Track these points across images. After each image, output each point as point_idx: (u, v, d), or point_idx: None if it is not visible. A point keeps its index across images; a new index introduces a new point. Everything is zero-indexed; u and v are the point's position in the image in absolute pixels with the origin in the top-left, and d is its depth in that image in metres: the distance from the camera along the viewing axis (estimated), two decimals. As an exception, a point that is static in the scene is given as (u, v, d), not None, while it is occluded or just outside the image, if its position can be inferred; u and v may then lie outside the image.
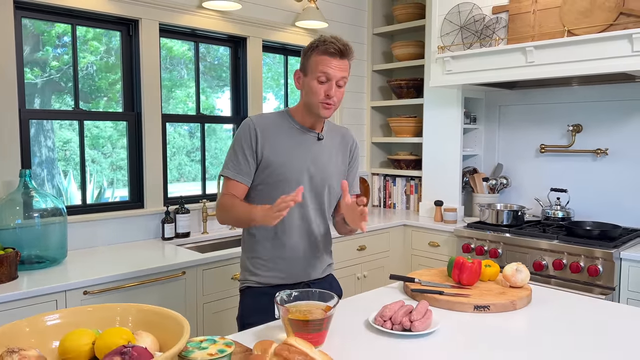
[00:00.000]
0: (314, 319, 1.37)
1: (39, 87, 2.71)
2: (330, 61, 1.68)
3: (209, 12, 3.10)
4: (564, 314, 1.65)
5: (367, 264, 3.34)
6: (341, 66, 1.69)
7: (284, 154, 1.75)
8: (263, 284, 1.80)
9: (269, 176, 1.75)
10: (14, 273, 2.11)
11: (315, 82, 1.69)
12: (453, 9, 3.13)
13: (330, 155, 1.84)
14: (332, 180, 1.84)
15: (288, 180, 1.75)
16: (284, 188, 1.74)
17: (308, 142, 1.80)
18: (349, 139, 1.94)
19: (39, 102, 2.72)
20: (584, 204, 3.25)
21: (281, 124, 1.79)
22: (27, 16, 2.54)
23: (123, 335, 0.99)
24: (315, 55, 1.70)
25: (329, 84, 1.69)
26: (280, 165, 1.74)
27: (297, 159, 1.76)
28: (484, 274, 1.89)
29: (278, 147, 1.75)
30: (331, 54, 1.67)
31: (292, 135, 1.78)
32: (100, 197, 3.01)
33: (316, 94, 1.70)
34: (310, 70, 1.71)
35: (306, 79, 1.73)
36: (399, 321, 1.47)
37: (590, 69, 2.60)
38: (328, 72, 1.67)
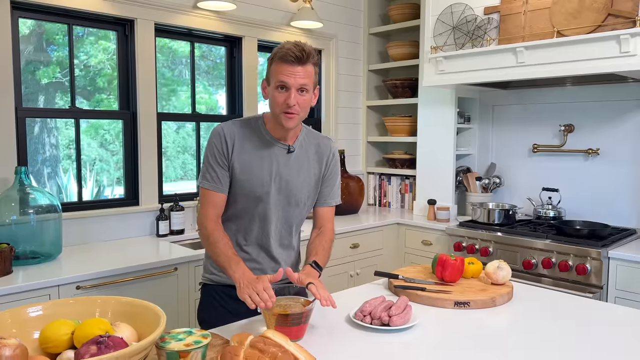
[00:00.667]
0: (293, 313, 1.41)
1: (43, 86, 2.76)
2: (287, 69, 1.60)
3: (205, 12, 3.13)
4: (544, 311, 1.68)
5: (360, 262, 3.38)
6: (300, 73, 1.60)
7: (248, 167, 1.70)
8: (217, 282, 1.79)
9: (235, 186, 1.72)
10: (9, 268, 2.15)
11: (275, 91, 1.63)
12: (446, 9, 3.15)
13: (300, 168, 1.77)
14: (300, 194, 1.78)
15: (249, 194, 1.71)
16: (249, 200, 1.72)
17: (276, 154, 1.73)
18: (326, 150, 1.84)
19: (43, 100, 2.77)
20: (575, 204, 3.27)
21: (251, 133, 1.73)
22: (24, 16, 2.59)
23: (101, 325, 1.03)
24: (274, 64, 1.64)
25: (287, 92, 1.61)
26: (243, 178, 1.70)
27: (261, 172, 1.71)
28: (467, 271, 1.92)
29: (244, 159, 1.70)
30: (289, 61, 1.60)
31: (259, 148, 1.72)
32: (100, 194, 3.05)
33: (276, 103, 1.64)
34: (271, 79, 1.65)
35: (269, 89, 1.67)
36: (378, 316, 1.51)
37: (579, 69, 2.62)
38: (285, 81, 1.60)
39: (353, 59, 4.09)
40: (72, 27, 2.76)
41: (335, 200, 1.89)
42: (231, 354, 1.11)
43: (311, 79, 1.64)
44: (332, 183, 1.86)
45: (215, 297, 1.80)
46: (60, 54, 2.78)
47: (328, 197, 1.87)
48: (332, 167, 1.85)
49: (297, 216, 1.81)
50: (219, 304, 1.78)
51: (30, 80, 2.72)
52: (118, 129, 2.98)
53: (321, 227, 1.86)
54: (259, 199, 1.72)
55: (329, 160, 1.84)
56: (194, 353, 1.09)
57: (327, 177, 1.85)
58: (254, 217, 1.75)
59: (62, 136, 2.88)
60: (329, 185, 1.86)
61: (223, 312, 1.73)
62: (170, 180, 3.33)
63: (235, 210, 1.76)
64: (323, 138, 1.87)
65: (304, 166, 1.78)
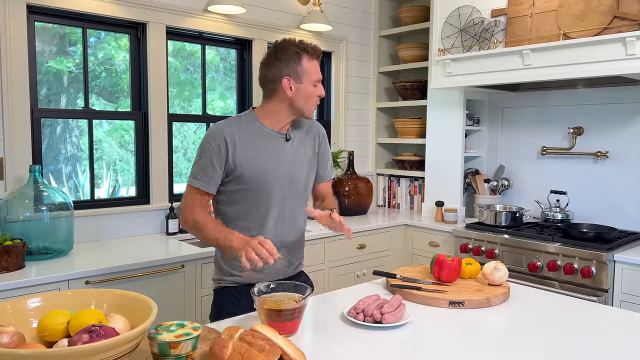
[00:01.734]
0: (286, 309, 1.45)
1: (65, 87, 2.86)
2: (316, 66, 1.82)
3: (215, 16, 3.20)
4: (538, 312, 1.70)
5: (367, 263, 3.41)
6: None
7: (256, 162, 1.78)
8: (239, 283, 1.85)
9: (244, 183, 1.78)
10: (21, 263, 2.23)
11: (312, 87, 1.80)
12: (453, 12, 3.17)
13: (298, 152, 1.89)
14: (305, 178, 1.91)
15: (263, 186, 1.79)
16: (258, 193, 1.79)
17: (277, 145, 1.84)
18: (314, 129, 1.97)
19: (64, 102, 2.87)
20: (584, 206, 3.25)
21: (248, 130, 1.80)
22: (40, 20, 2.68)
23: (95, 316, 1.09)
24: (305, 61, 1.78)
25: (319, 86, 1.83)
26: (254, 173, 1.77)
27: (268, 164, 1.80)
28: (464, 272, 1.94)
29: (249, 154, 1.77)
30: (314, 56, 1.81)
31: (261, 141, 1.81)
32: (115, 193, 3.13)
33: (313, 98, 1.82)
34: (305, 76, 1.79)
35: (302, 86, 1.79)
36: (371, 313, 1.54)
37: (585, 72, 2.62)
38: (319, 77, 1.82)
39: (363, 61, 4.12)
40: (86, 30, 2.84)
41: (331, 174, 2.06)
42: (220, 345, 1.15)
43: None
44: (326, 158, 2.01)
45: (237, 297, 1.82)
46: (82, 56, 2.89)
47: (325, 174, 2.02)
48: (324, 144, 2.00)
49: (304, 199, 1.94)
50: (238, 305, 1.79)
51: (53, 81, 2.82)
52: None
53: (324, 198, 2.00)
54: (271, 189, 1.80)
55: (320, 138, 1.98)
56: (184, 344, 1.14)
57: (321, 155, 1.99)
58: (268, 209, 1.81)
59: (83, 136, 2.97)
60: (325, 161, 2.01)
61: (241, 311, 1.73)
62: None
63: (245, 207, 1.81)
64: (305, 120, 1.97)
65: (300, 150, 1.91)
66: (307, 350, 1.34)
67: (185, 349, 1.14)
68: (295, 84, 1.79)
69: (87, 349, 0.93)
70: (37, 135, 2.68)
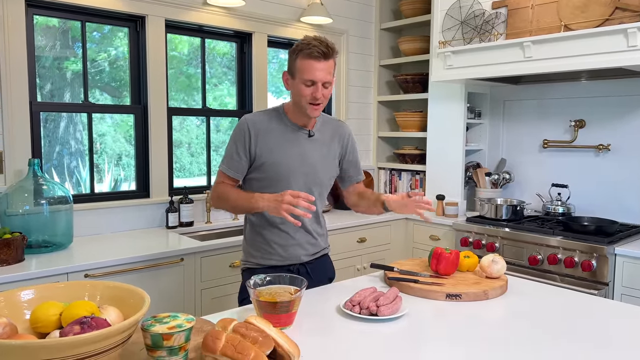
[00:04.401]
0: (281, 301, 1.44)
1: (69, 81, 2.86)
2: (314, 65, 1.76)
3: (214, 9, 3.19)
4: (537, 305, 1.69)
5: (368, 256, 3.40)
6: (325, 68, 1.77)
7: (276, 153, 1.86)
8: (262, 265, 1.94)
9: (263, 172, 1.88)
10: (21, 256, 2.24)
11: (302, 85, 1.79)
12: (454, 4, 3.15)
13: (321, 151, 1.94)
14: (323, 176, 1.96)
15: (280, 177, 1.87)
16: (277, 184, 1.87)
17: (299, 139, 1.90)
18: (343, 132, 2.03)
19: (68, 96, 2.87)
20: (585, 200, 3.24)
21: (274, 123, 1.89)
22: (39, 13, 2.67)
23: (87, 307, 1.09)
24: (300, 59, 1.78)
25: (315, 87, 1.78)
26: (273, 163, 1.86)
27: (288, 157, 1.87)
28: (462, 265, 1.93)
29: (271, 146, 1.86)
30: (315, 57, 1.76)
31: (284, 133, 1.89)
32: (117, 187, 3.13)
33: (304, 96, 1.80)
34: (297, 73, 1.80)
35: (294, 82, 1.82)
36: (367, 306, 1.53)
37: (586, 63, 2.59)
38: (312, 78, 1.77)
39: (364, 54, 4.10)
40: (85, 23, 2.84)
41: (361, 175, 2.13)
42: (213, 337, 1.15)
43: (332, 74, 1.83)
44: (354, 161, 2.08)
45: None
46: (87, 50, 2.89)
47: (356, 174, 2.10)
48: (352, 147, 2.06)
49: (320, 195, 1.99)
50: None
51: (57, 75, 2.82)
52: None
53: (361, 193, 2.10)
54: (288, 180, 1.87)
55: (348, 141, 2.04)
56: (177, 336, 1.14)
57: (350, 156, 2.05)
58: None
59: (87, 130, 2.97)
60: (355, 162, 2.08)
61: None
62: (194, 175, 3.41)
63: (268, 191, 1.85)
64: (337, 122, 2.07)
65: (324, 149, 1.95)
66: (302, 342, 1.34)
67: (178, 340, 1.14)
68: (291, 79, 1.85)
69: (77, 340, 0.93)
70: (36, 129, 2.68)
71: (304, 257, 1.97)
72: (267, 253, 1.94)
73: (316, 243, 2.01)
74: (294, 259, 1.95)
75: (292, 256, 1.95)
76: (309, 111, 1.83)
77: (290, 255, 1.95)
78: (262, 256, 1.95)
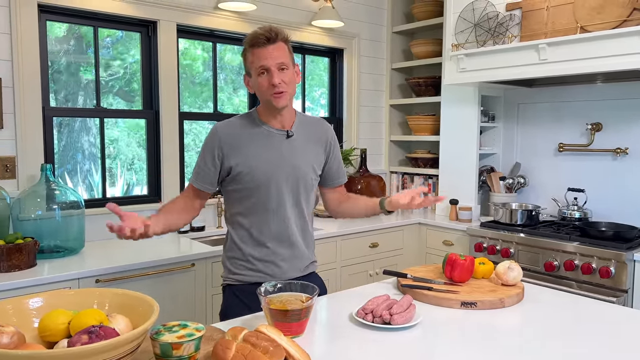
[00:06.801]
0: (293, 309, 1.42)
1: (83, 86, 2.87)
2: (260, 52, 1.67)
3: (226, 13, 3.18)
4: (554, 314, 1.64)
5: (380, 262, 3.37)
6: (274, 52, 1.67)
7: (252, 160, 1.75)
8: (242, 282, 1.82)
9: (241, 182, 1.76)
10: (32, 261, 2.24)
11: (258, 78, 1.70)
12: (467, 6, 3.11)
13: (303, 151, 1.83)
14: (306, 177, 1.83)
15: (260, 185, 1.76)
16: (258, 193, 1.77)
17: (277, 142, 1.78)
18: (325, 130, 1.91)
19: (81, 101, 2.88)
20: (602, 205, 3.17)
21: (248, 129, 1.78)
22: (51, 19, 2.69)
23: (96, 316, 1.07)
24: (248, 54, 1.71)
25: (269, 74, 1.68)
26: (250, 172, 1.74)
27: (266, 162, 1.75)
28: (477, 272, 1.89)
29: (246, 153, 1.75)
30: (260, 44, 1.67)
31: (259, 138, 1.77)
32: (130, 192, 3.12)
33: (263, 88, 1.70)
34: (250, 68, 1.72)
35: (251, 79, 1.74)
36: (380, 314, 1.50)
37: (603, 66, 2.54)
38: (263, 64, 1.67)
39: (376, 58, 4.07)
40: (97, 29, 2.85)
41: (344, 177, 2.02)
42: (223, 346, 1.13)
43: (287, 56, 1.71)
44: (337, 161, 1.96)
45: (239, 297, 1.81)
46: (100, 55, 2.90)
47: (340, 176, 1.99)
48: (335, 146, 1.95)
49: (307, 199, 1.87)
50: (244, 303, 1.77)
51: (71, 81, 2.83)
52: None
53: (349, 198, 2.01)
54: (269, 188, 1.76)
55: (330, 140, 1.93)
56: (186, 345, 1.12)
57: (333, 158, 1.94)
58: (269, 208, 1.78)
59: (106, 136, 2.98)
60: (338, 163, 1.97)
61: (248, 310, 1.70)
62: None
63: (248, 206, 1.79)
64: (318, 120, 1.94)
65: (306, 149, 1.84)
66: (313, 351, 1.31)
67: (187, 350, 1.12)
68: (249, 78, 1.77)
69: (85, 350, 0.91)
70: (49, 134, 2.69)
71: (289, 273, 1.83)
72: (245, 269, 1.81)
73: (301, 255, 1.86)
74: (278, 275, 1.81)
75: (275, 272, 1.81)
76: (275, 102, 1.70)
77: (272, 271, 1.81)
78: (242, 272, 1.82)
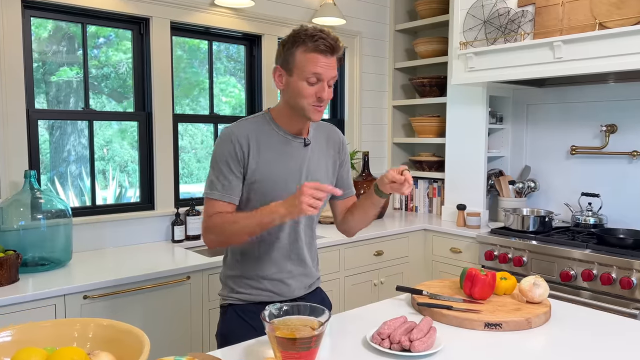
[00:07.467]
0: (302, 337, 1.26)
1: (74, 87, 2.71)
2: (320, 59, 1.49)
3: (222, 10, 3.02)
4: (586, 335, 1.50)
5: (385, 270, 3.21)
6: (332, 64, 1.52)
7: (269, 168, 1.58)
8: (247, 301, 1.66)
9: (255, 192, 1.59)
10: (15, 276, 2.07)
11: (305, 83, 1.51)
12: (476, 2, 2.96)
13: (318, 160, 1.69)
14: None
15: (276, 197, 1.56)
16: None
17: (294, 150, 1.63)
18: (337, 137, 1.78)
19: (73, 102, 2.74)
20: (618, 210, 3.03)
21: (264, 132, 1.60)
22: (36, 15, 2.52)
23: (75, 356, 0.91)
24: (302, 53, 1.50)
25: (320, 85, 1.51)
26: (266, 180, 1.58)
27: (284, 171, 1.60)
28: (498, 288, 1.74)
29: (263, 160, 1.58)
30: (322, 51, 1.49)
31: (277, 145, 1.60)
32: (122, 196, 2.96)
33: (306, 96, 1.51)
34: (297, 69, 1.51)
35: (292, 79, 1.53)
36: (398, 340, 1.35)
37: (623, 64, 2.40)
38: (320, 73, 1.49)
39: (378, 57, 3.92)
40: (85, 26, 2.68)
41: (353, 189, 1.87)
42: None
43: (337, 70, 1.57)
44: (348, 171, 1.84)
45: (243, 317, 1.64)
46: (91, 56, 2.74)
47: (350, 185, 1.84)
48: (346, 153, 1.82)
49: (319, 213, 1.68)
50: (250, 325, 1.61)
51: (62, 82, 2.67)
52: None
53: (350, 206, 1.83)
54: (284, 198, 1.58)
55: (342, 147, 1.80)
56: (181, 387, 0.96)
57: (343, 166, 1.80)
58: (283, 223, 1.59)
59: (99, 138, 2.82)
60: (346, 173, 1.83)
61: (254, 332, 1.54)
62: (201, 181, 3.26)
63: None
64: (329, 126, 1.81)
65: (321, 157, 1.71)
66: (326, 386, 1.16)
67: (183, 393, 0.96)
68: (286, 75, 1.55)
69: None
70: (34, 138, 2.52)
71: (296, 292, 1.69)
72: (251, 288, 1.65)
73: (309, 273, 1.73)
74: (286, 293, 1.66)
75: (283, 291, 1.66)
76: (311, 114, 1.53)
77: (280, 290, 1.66)
78: (246, 292, 1.65)
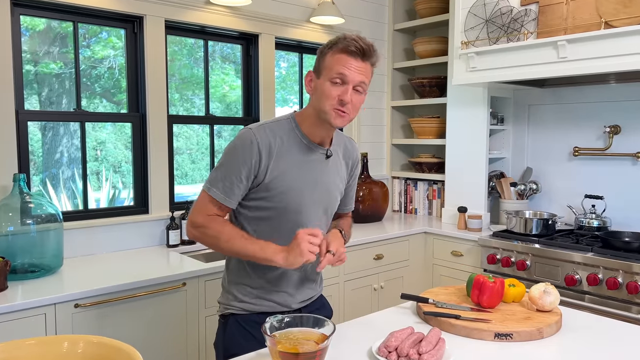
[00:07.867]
0: (305, 352, 1.19)
1: (67, 88, 2.63)
2: (348, 61, 1.43)
3: (218, 8, 2.95)
4: (600, 345, 1.43)
5: (385, 274, 3.15)
6: (361, 69, 1.44)
7: (287, 177, 1.50)
8: (250, 311, 1.58)
9: (268, 201, 1.51)
10: (3, 284, 1.99)
11: (328, 83, 1.44)
12: (478, 1, 2.90)
13: (334, 173, 1.62)
14: (335, 202, 1.66)
15: (289, 209, 1.52)
16: (287, 215, 1.53)
17: (315, 161, 1.55)
18: (354, 152, 1.73)
19: (66, 103, 2.66)
20: (622, 213, 2.98)
21: (288, 138, 1.52)
22: (26, 13, 2.44)
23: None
24: (332, 54, 1.45)
25: (344, 87, 1.43)
26: (283, 191, 1.50)
27: (302, 183, 1.52)
28: (507, 295, 1.68)
29: (282, 168, 1.49)
30: (351, 52, 1.43)
31: (298, 154, 1.52)
32: (116, 198, 2.88)
33: (328, 97, 1.44)
34: (324, 70, 1.46)
35: (319, 81, 1.48)
36: (406, 353, 1.28)
37: (629, 64, 2.35)
38: (344, 73, 1.42)
39: (377, 57, 3.85)
40: (77, 24, 2.60)
41: (353, 205, 1.83)
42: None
43: (368, 79, 1.48)
44: (354, 187, 1.79)
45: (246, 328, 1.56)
46: (84, 56, 2.65)
47: (350, 203, 1.80)
48: (356, 171, 1.77)
49: (327, 223, 1.67)
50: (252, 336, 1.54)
51: (55, 82, 2.59)
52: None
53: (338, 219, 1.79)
54: (299, 212, 1.53)
55: (355, 164, 1.75)
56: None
57: (351, 182, 1.76)
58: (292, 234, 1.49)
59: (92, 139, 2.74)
60: (351, 190, 1.78)
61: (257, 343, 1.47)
62: (196, 182, 3.19)
63: (267, 229, 1.53)
64: (347, 138, 1.75)
65: (336, 170, 1.64)
66: (332, 405, 1.09)
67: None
68: (315, 79, 1.50)
69: None
70: (23, 140, 2.44)
71: (299, 303, 1.64)
72: (255, 297, 1.58)
73: (314, 287, 1.68)
74: (290, 303, 1.61)
75: (288, 301, 1.60)
76: (332, 118, 1.45)
77: (285, 301, 1.60)
78: (251, 301, 1.58)
